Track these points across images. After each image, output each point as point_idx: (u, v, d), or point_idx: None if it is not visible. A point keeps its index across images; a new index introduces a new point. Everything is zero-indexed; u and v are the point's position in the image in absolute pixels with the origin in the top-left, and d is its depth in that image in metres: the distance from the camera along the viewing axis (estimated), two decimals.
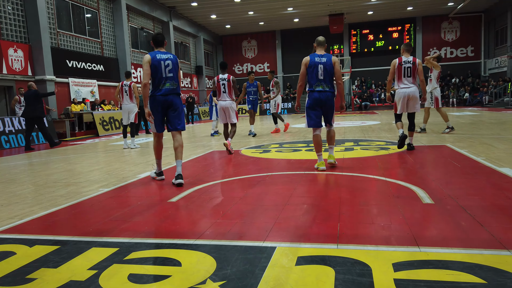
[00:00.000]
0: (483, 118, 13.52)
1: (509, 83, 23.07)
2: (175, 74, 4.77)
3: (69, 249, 2.62)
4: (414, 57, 6.50)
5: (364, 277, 2.00)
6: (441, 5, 26.67)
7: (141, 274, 2.18)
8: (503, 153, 5.66)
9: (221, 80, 7.22)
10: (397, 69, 6.43)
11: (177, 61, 4.85)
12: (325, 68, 5.00)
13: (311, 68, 5.03)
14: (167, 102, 4.69)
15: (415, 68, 6.37)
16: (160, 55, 4.68)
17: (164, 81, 4.67)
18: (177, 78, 4.79)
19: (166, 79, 4.68)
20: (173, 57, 4.80)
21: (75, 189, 4.67)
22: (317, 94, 5.05)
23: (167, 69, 4.68)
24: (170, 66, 4.71)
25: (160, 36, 4.83)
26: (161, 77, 4.65)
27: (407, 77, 6.41)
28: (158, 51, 4.76)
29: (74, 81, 16.03)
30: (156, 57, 4.65)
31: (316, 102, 5.08)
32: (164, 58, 4.69)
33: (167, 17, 23.80)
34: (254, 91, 10.80)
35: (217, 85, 7.27)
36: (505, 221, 2.75)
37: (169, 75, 4.70)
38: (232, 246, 2.54)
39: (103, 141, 12.19)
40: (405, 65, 6.39)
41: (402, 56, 6.48)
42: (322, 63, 5.01)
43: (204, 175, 5.19)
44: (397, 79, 6.49)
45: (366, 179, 4.45)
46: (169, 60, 4.72)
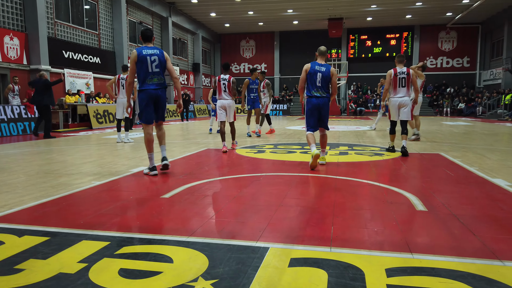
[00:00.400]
0: (476, 129, 13.65)
1: (503, 95, 23.31)
2: (162, 69, 4.97)
3: (59, 241, 2.58)
4: (408, 67, 6.88)
5: (357, 282, 1.99)
6: (440, 15, 26.90)
7: (132, 269, 2.15)
8: (496, 164, 5.71)
9: (222, 79, 7.39)
10: (393, 79, 6.81)
11: (164, 55, 5.01)
12: (323, 77, 5.48)
13: (310, 74, 5.50)
14: (157, 96, 4.97)
15: (409, 78, 6.77)
16: (146, 50, 4.87)
17: (151, 76, 4.88)
18: (163, 73, 5.02)
19: (153, 74, 4.89)
20: (159, 52, 4.96)
21: (67, 180, 4.62)
22: (315, 100, 5.51)
23: (154, 64, 4.87)
24: (156, 61, 4.89)
25: (148, 32, 5.04)
26: (147, 72, 4.86)
27: (401, 87, 6.80)
28: (146, 46, 4.95)
29: (69, 72, 15.89)
30: (142, 52, 4.83)
31: (314, 107, 5.54)
32: (150, 53, 4.87)
33: (167, 13, 23.71)
34: (255, 88, 10.38)
35: (218, 84, 7.43)
36: (497, 231, 2.76)
37: (156, 70, 4.90)
38: (225, 245, 2.52)
39: (97, 134, 12.09)
40: (400, 76, 6.77)
41: (397, 67, 6.84)
42: (321, 72, 5.48)
43: (198, 173, 5.16)
44: (393, 88, 6.88)
45: (360, 183, 4.45)
46: (155, 56, 4.89)
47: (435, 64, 30.84)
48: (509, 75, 24.31)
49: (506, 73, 24.71)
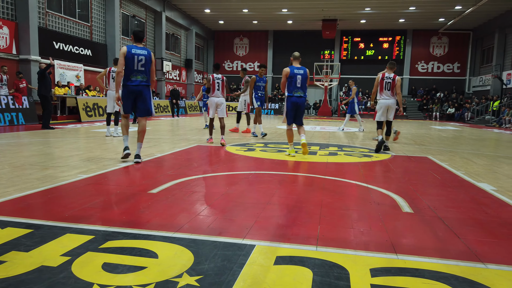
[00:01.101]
0: (464, 134, 13.83)
1: (491, 101, 23.66)
2: (147, 68, 5.37)
3: (42, 234, 2.55)
4: (395, 74, 7.54)
5: (341, 281, 2.00)
6: (432, 20, 27.18)
7: (116, 263, 2.13)
8: (482, 169, 5.79)
9: (216, 79, 7.88)
10: (380, 82, 7.52)
11: (151, 57, 5.42)
12: (302, 79, 6.34)
13: (291, 77, 6.29)
14: (137, 91, 5.35)
15: (394, 84, 7.46)
16: (135, 50, 5.27)
17: (136, 73, 5.29)
18: (148, 72, 5.41)
19: (138, 72, 5.30)
20: (147, 52, 5.37)
21: (52, 173, 4.55)
22: (295, 98, 6.36)
23: (140, 63, 5.28)
24: (143, 61, 5.30)
25: (141, 33, 5.45)
26: (132, 69, 5.26)
27: (387, 90, 7.50)
28: (135, 45, 5.34)
29: (59, 63, 15.68)
30: (132, 51, 5.23)
31: (294, 105, 6.39)
32: (139, 53, 5.28)
33: (161, 7, 23.53)
34: (263, 86, 9.93)
35: (212, 83, 7.88)
36: (481, 235, 2.80)
37: (141, 69, 5.30)
38: (211, 241, 2.51)
39: (86, 127, 11.95)
40: (387, 80, 7.48)
41: (386, 72, 7.55)
42: (300, 74, 6.32)
43: (186, 169, 5.13)
44: (379, 91, 7.57)
45: (348, 184, 4.48)
46: (142, 56, 5.30)
47: (426, 68, 31.15)
48: (497, 82, 24.68)
49: (495, 80, 25.08)
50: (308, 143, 8.37)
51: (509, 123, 19.45)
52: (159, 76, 24.05)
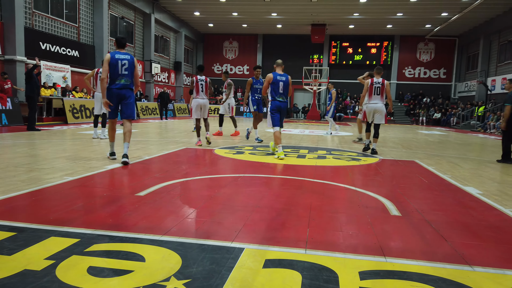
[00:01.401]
0: (450, 138, 14.03)
1: (476, 107, 24.08)
2: (130, 72, 5.58)
3: (26, 237, 2.48)
4: (383, 79, 7.88)
5: (330, 284, 1.99)
6: (419, 26, 27.59)
7: (101, 267, 2.08)
8: (468, 173, 5.87)
9: (199, 80, 8.12)
10: (369, 88, 7.82)
11: (134, 61, 5.64)
12: (284, 85, 6.70)
13: (274, 83, 6.68)
14: (121, 94, 5.55)
15: (383, 88, 7.78)
16: (118, 55, 5.51)
17: (120, 77, 5.52)
18: (131, 75, 5.62)
19: (122, 75, 5.53)
20: (130, 57, 5.61)
21: (37, 175, 4.46)
22: (278, 102, 6.75)
23: (123, 67, 5.52)
24: (126, 65, 5.54)
25: (123, 40, 5.72)
26: (117, 74, 5.48)
27: (376, 95, 7.82)
28: (118, 51, 5.58)
29: (46, 64, 15.43)
30: (115, 56, 5.46)
31: (277, 108, 6.77)
32: (122, 58, 5.52)
33: (150, 9, 23.40)
34: (260, 89, 9.15)
35: (196, 85, 8.13)
36: (468, 237, 2.83)
37: (125, 73, 5.54)
38: (199, 244, 2.48)
39: (72, 129, 11.78)
40: (376, 85, 7.80)
41: (374, 77, 7.88)
42: (282, 81, 6.69)
43: (175, 172, 5.09)
44: (368, 96, 7.88)
45: (337, 187, 4.49)
46: (125, 60, 5.54)
47: (413, 74, 31.57)
48: (482, 87, 25.14)
49: (480, 86, 25.54)
50: (297, 146, 8.67)
51: (494, 128, 19.81)
52: (148, 78, 23.88)
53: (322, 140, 10.76)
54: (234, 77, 32.95)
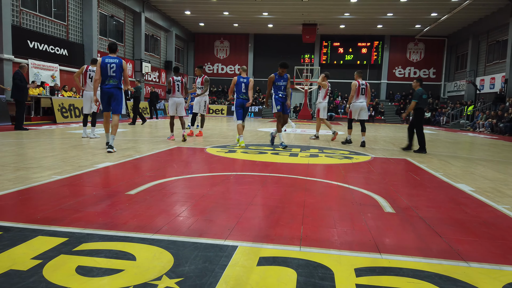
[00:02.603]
0: (440, 137, 14.14)
1: (465, 106, 24.34)
2: (118, 74, 6.55)
3: (12, 236, 2.40)
4: (366, 81, 9.26)
5: (326, 281, 1.95)
6: (409, 26, 27.81)
7: (90, 266, 2.02)
8: (460, 170, 5.89)
9: (176, 81, 8.91)
10: (357, 89, 9.09)
11: (121, 64, 6.59)
12: (245, 86, 8.08)
13: (237, 85, 8.09)
14: (110, 93, 6.55)
15: (367, 89, 9.21)
16: (108, 59, 6.52)
17: (109, 79, 6.52)
18: (119, 77, 6.57)
19: (110, 77, 6.53)
20: (118, 61, 6.57)
21: (25, 174, 4.36)
22: (241, 100, 8.09)
23: (112, 70, 6.51)
24: (114, 68, 6.51)
25: (114, 45, 6.71)
26: (106, 75, 6.51)
27: (361, 95, 9.17)
28: (109, 56, 6.58)
29: (34, 63, 15.20)
30: (105, 60, 6.51)
31: (240, 105, 8.11)
32: (111, 62, 6.52)
33: (140, 8, 23.20)
34: (284, 86, 8.24)
35: (173, 85, 8.90)
36: (462, 233, 2.82)
37: (113, 75, 6.53)
38: (191, 242, 2.42)
39: (61, 128, 11.60)
40: (362, 87, 9.15)
41: (359, 80, 9.13)
42: (244, 82, 8.08)
43: (166, 170, 5.02)
44: (356, 96, 9.14)
45: (330, 185, 4.46)
46: (113, 64, 6.52)
47: (403, 74, 31.82)
48: (471, 87, 25.43)
49: (469, 86, 25.83)
50: (289, 145, 8.65)
51: (483, 127, 20.04)
52: (138, 78, 23.67)
53: (314, 139, 10.74)
54: (225, 76, 32.89)
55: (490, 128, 19.21)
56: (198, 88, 10.19)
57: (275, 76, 8.22)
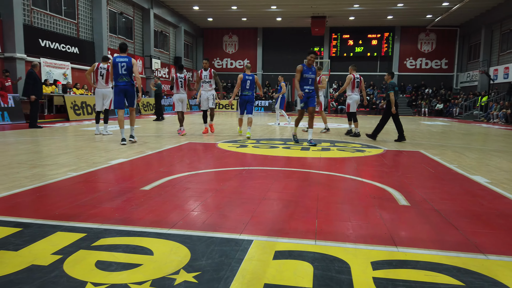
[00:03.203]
0: (454, 129, 13.95)
1: (479, 97, 23.94)
2: (128, 72, 7.07)
3: (32, 232, 2.45)
4: (360, 75, 9.89)
5: (343, 274, 1.96)
6: (420, 17, 27.37)
7: (109, 261, 2.05)
8: (475, 162, 5.81)
9: (179, 78, 9.42)
10: (352, 82, 9.66)
11: (131, 62, 7.08)
12: (250, 83, 8.91)
13: (244, 81, 8.88)
14: (125, 90, 7.13)
15: (361, 82, 9.82)
16: (119, 59, 7.07)
17: (121, 77, 7.07)
18: (130, 75, 7.10)
19: (122, 75, 7.07)
20: (128, 60, 7.08)
21: (41, 171, 4.43)
22: (245, 96, 8.95)
23: (122, 68, 7.05)
24: (124, 66, 7.04)
25: (123, 45, 7.19)
26: (118, 73, 7.07)
27: (356, 88, 9.77)
28: (119, 55, 7.11)
29: (46, 61, 15.38)
30: (116, 60, 7.08)
31: (244, 101, 8.97)
32: (121, 61, 7.06)
33: (148, 4, 23.25)
34: (312, 79, 7.37)
35: (176, 82, 9.41)
36: (479, 226, 2.79)
37: (124, 73, 7.07)
38: (207, 237, 2.44)
39: (74, 125, 11.74)
40: (357, 80, 9.73)
41: (354, 73, 9.66)
42: (249, 80, 8.91)
43: (179, 166, 5.05)
44: (352, 88, 9.68)
45: (343, 178, 4.45)
46: (124, 63, 7.05)
47: (414, 65, 31.39)
48: (485, 77, 24.98)
49: (482, 76, 25.38)
50: (300, 139, 8.54)
51: (497, 117, 19.71)
52: (148, 74, 23.78)
53: (325, 133, 10.69)
54: (234, 71, 32.83)
55: (505, 119, 18.90)
56: (205, 82, 9.38)
57: (303, 67, 7.27)
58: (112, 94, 8.92)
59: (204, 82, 9.46)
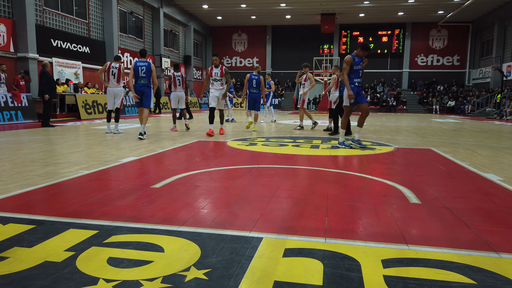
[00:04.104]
0: (466, 126, 13.77)
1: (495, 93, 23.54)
2: (147, 75, 7.97)
3: (45, 229, 2.49)
4: None
5: (353, 272, 1.95)
6: (431, 13, 27.04)
7: (121, 258, 2.07)
8: (487, 160, 5.73)
9: (177, 76, 9.99)
10: (337, 82, 9.81)
11: (150, 66, 7.97)
12: (256, 82, 9.86)
13: (250, 81, 9.88)
14: (141, 91, 7.98)
15: None
16: (139, 63, 7.98)
17: (140, 79, 7.97)
18: (149, 77, 7.99)
19: (141, 77, 7.96)
20: (147, 64, 7.97)
21: (53, 169, 4.50)
22: (252, 94, 9.90)
23: (142, 72, 7.95)
24: (144, 70, 7.94)
25: (143, 51, 8.13)
26: (138, 76, 7.97)
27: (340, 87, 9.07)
28: (140, 60, 8.04)
29: (58, 61, 15.57)
30: (137, 64, 7.99)
31: (252, 98, 9.93)
32: (141, 65, 7.96)
33: (158, 3, 23.37)
34: (361, 71, 6.76)
35: (174, 80, 9.97)
36: (492, 224, 2.75)
37: (143, 75, 7.96)
38: (217, 234, 2.45)
39: (85, 124, 11.88)
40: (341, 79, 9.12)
41: (337, 73, 9.79)
42: (255, 79, 9.89)
43: (188, 164, 5.08)
44: (335, 88, 9.90)
45: (353, 176, 4.43)
46: (144, 66, 7.95)
47: (425, 62, 31.04)
48: (498, 74, 24.59)
49: (495, 72, 24.99)
50: (309, 137, 8.61)
51: (510, 115, 19.39)
52: (158, 73, 23.92)
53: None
54: (243, 69, 32.84)
55: None
56: (216, 80, 8.56)
57: (354, 59, 6.59)
58: (123, 93, 9.05)
59: (215, 80, 8.60)
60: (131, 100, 17.80)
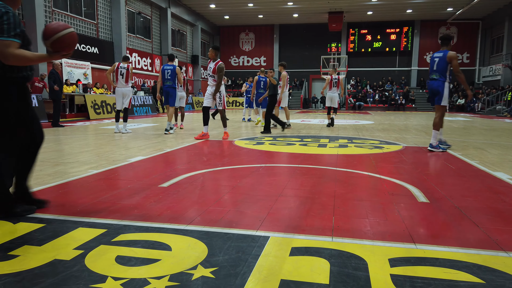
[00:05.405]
0: (475, 124, 13.62)
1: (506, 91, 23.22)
2: (173, 77, 8.98)
3: (54, 228, 2.53)
4: (339, 75, 11.87)
5: (360, 271, 1.95)
6: (440, 10, 26.76)
7: (129, 256, 2.10)
8: (497, 158, 5.67)
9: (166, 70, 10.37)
10: (329, 82, 11.49)
11: (175, 70, 8.97)
12: (264, 83, 11.39)
13: (258, 83, 11.46)
14: (167, 91, 9.05)
15: (338, 82, 11.65)
16: (166, 67, 9.02)
17: (166, 81, 8.98)
18: (174, 79, 9.00)
19: (167, 79, 8.98)
20: (173, 67, 8.99)
21: (63, 169, 4.55)
22: (260, 94, 11.32)
23: (168, 74, 8.96)
24: (169, 73, 8.95)
25: (171, 56, 9.36)
26: (164, 78, 9.00)
27: (334, 87, 11.60)
28: (167, 64, 9.13)
29: (67, 62, 15.73)
30: (164, 67, 9.02)
31: (259, 97, 11.27)
32: (167, 68, 8.98)
33: (166, 4, 23.47)
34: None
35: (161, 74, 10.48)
36: (501, 223, 2.72)
37: (168, 77, 8.98)
38: (224, 233, 2.47)
39: (94, 124, 11.99)
40: (334, 80, 11.56)
41: (332, 75, 11.53)
42: (263, 81, 11.42)
43: (196, 163, 5.10)
44: (329, 88, 11.56)
45: (360, 175, 4.41)
46: (169, 70, 8.96)
47: None
48: (508, 71, 24.26)
49: (505, 70, 24.66)
50: (317, 135, 8.64)
51: None
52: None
53: (342, 129, 10.62)
54: (251, 69, 32.84)
55: None
56: (210, 76, 7.79)
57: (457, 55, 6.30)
58: (131, 93, 9.12)
59: (209, 76, 7.81)
60: (139, 100, 17.92)
